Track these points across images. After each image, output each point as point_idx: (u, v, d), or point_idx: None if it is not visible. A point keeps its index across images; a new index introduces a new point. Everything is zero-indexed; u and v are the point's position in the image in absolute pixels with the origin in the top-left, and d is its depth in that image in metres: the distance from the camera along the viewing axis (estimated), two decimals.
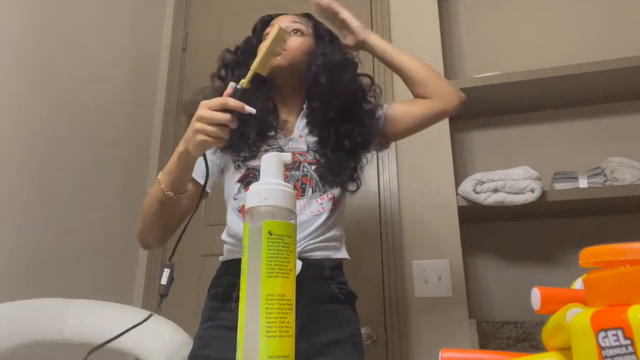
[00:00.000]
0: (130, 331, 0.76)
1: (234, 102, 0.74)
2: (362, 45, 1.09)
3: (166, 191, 0.86)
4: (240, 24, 1.23)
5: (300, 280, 0.52)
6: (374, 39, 1.08)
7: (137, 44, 1.95)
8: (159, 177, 0.87)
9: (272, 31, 0.81)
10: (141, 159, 1.93)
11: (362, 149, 1.02)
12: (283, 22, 1.01)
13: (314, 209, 0.95)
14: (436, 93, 1.06)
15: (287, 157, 0.53)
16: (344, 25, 1.09)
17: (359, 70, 1.06)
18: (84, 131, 1.61)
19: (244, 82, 0.77)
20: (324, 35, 1.07)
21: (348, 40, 1.10)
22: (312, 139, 0.99)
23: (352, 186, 1.02)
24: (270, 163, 0.52)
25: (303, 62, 0.99)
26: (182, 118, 1.97)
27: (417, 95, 1.08)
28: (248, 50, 1.05)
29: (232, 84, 0.77)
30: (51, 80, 1.49)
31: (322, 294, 0.92)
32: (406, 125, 1.09)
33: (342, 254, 0.99)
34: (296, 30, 1.01)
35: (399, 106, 1.11)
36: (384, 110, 1.08)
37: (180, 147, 0.83)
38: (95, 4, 1.72)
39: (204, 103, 0.76)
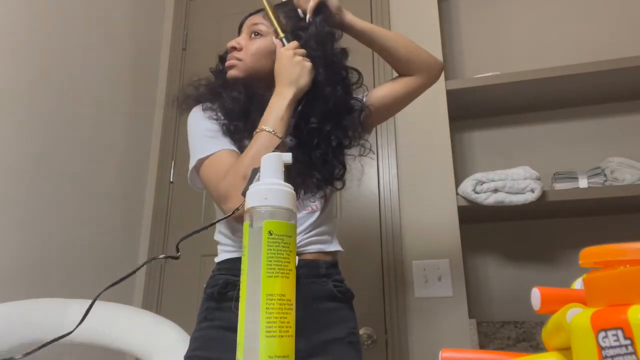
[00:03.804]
0: (130, 331, 0.76)
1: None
2: (339, 25, 1.03)
3: (281, 137, 0.85)
4: None
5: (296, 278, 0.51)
6: (351, 17, 1.04)
7: (137, 44, 1.95)
8: (267, 129, 0.84)
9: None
10: (141, 159, 1.93)
11: (347, 147, 1.00)
12: (247, 25, 1.01)
13: (307, 207, 0.96)
14: (421, 69, 1.06)
15: (287, 157, 0.53)
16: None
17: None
18: (83, 131, 1.61)
19: (281, 35, 0.94)
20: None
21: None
22: (292, 142, 0.95)
23: (339, 184, 1.01)
24: (270, 163, 0.52)
25: (265, 64, 0.96)
26: (182, 118, 1.97)
27: (401, 73, 1.08)
28: None
29: (276, 41, 0.94)
30: (51, 81, 1.49)
31: (318, 292, 0.92)
32: (393, 106, 1.08)
33: (335, 246, 0.99)
34: (256, 33, 0.99)
35: (382, 90, 1.07)
36: (366, 97, 1.05)
37: (287, 95, 0.87)
38: (95, 4, 1.72)
39: (287, 47, 0.91)
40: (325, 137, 0.95)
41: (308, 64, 0.90)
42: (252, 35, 0.99)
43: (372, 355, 1.48)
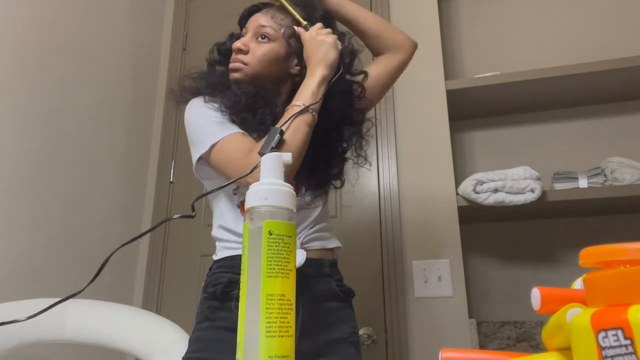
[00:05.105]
0: (130, 331, 0.75)
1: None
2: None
3: (315, 115, 0.87)
4: None
5: (302, 276, 0.51)
6: None
7: (137, 44, 1.95)
8: (298, 104, 0.86)
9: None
10: (141, 159, 1.93)
11: (346, 149, 1.01)
12: (253, 25, 0.97)
13: (309, 203, 0.97)
14: (393, 44, 1.07)
15: (287, 157, 0.53)
16: None
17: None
18: (84, 131, 1.61)
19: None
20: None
21: None
22: None
23: (338, 183, 1.03)
24: (270, 163, 0.52)
25: (271, 71, 0.95)
26: (181, 119, 1.97)
27: (373, 48, 1.09)
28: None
29: (300, 29, 0.94)
30: (51, 81, 1.49)
31: (324, 291, 0.92)
32: (378, 90, 1.09)
33: (335, 242, 1.00)
34: (263, 36, 0.94)
35: (369, 75, 1.06)
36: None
37: (318, 73, 0.88)
38: (95, 4, 1.72)
39: (311, 30, 0.92)
40: (329, 144, 0.96)
41: (330, 39, 0.91)
42: (259, 38, 0.95)
43: (372, 355, 1.48)
